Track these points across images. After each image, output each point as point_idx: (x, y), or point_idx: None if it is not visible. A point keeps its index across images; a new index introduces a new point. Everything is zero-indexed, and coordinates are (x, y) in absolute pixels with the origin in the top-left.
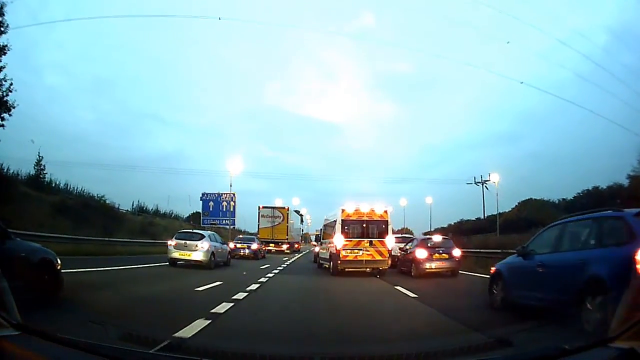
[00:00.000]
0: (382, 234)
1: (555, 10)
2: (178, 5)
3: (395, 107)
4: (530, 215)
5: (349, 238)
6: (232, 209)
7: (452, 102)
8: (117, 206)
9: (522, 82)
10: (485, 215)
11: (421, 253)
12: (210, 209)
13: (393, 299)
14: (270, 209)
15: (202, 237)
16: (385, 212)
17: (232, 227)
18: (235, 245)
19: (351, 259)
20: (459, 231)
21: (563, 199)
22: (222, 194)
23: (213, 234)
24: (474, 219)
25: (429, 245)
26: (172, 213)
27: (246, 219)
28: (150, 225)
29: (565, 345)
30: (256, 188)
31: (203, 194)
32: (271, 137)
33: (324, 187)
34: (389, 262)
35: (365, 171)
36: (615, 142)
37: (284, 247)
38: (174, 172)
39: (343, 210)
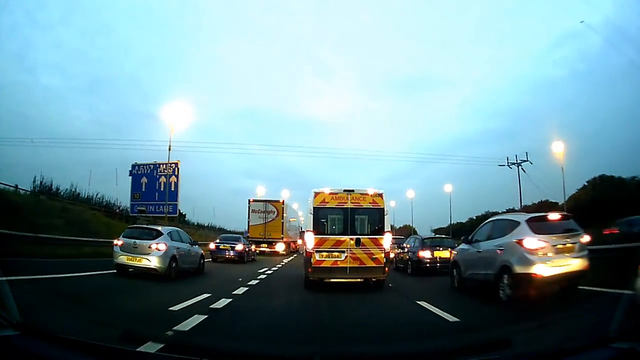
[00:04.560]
0: (377, 229)
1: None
2: (175, 4)
3: (392, 104)
4: (607, 197)
5: (325, 235)
6: (173, 188)
7: (453, 97)
8: None
9: (582, 21)
10: (522, 204)
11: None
12: (143, 189)
13: None
14: (262, 203)
15: (158, 234)
16: (380, 196)
17: (174, 215)
18: (216, 247)
19: (328, 265)
20: None
21: (634, 178)
22: (159, 164)
23: (176, 231)
24: (504, 210)
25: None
26: (98, 196)
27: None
28: None
29: (565, 345)
30: (251, 187)
31: (134, 166)
32: (266, 135)
33: (320, 183)
34: (387, 270)
35: (364, 167)
36: None
37: (279, 247)
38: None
39: (316, 195)
